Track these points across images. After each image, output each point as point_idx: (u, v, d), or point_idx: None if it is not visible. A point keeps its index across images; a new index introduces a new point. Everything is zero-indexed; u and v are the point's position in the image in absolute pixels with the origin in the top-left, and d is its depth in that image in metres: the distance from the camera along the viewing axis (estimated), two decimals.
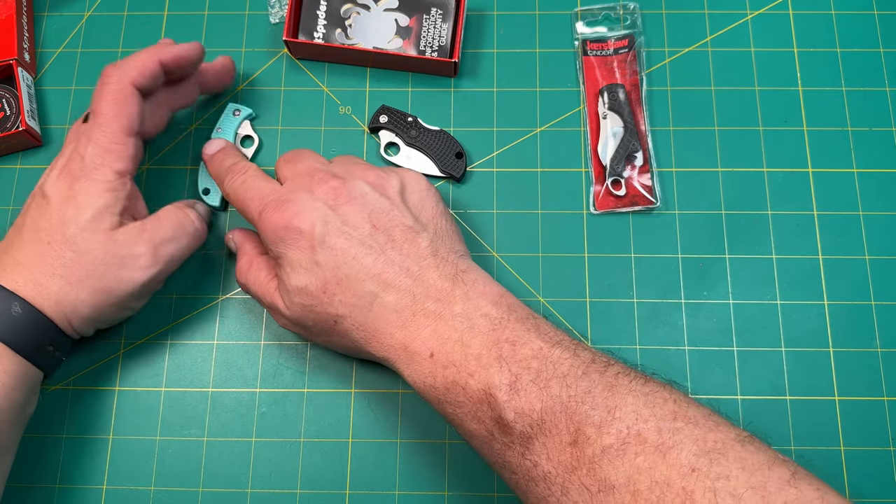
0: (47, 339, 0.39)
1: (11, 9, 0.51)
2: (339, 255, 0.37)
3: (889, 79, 0.50)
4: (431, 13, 0.50)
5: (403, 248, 0.38)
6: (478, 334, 0.35)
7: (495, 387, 0.34)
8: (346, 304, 0.38)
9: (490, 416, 0.34)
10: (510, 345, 0.35)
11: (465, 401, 0.35)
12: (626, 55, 0.50)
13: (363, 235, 0.38)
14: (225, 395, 0.45)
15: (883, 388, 0.44)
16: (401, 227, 0.38)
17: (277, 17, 0.52)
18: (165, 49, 0.43)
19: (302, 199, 0.39)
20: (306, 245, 0.38)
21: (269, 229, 0.39)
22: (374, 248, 0.38)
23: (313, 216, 0.38)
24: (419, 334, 0.36)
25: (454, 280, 0.37)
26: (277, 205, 0.39)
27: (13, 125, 0.49)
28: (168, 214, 0.43)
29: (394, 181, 0.40)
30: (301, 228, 0.38)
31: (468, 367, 0.35)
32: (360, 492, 0.43)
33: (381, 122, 0.49)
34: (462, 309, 0.36)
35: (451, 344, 0.36)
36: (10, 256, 0.40)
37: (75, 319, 0.40)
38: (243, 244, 0.44)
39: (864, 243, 0.47)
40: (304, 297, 0.38)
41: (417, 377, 0.37)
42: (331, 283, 0.38)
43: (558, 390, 0.33)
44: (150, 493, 0.43)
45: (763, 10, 0.52)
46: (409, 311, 0.37)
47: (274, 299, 0.41)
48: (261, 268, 0.42)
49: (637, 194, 0.48)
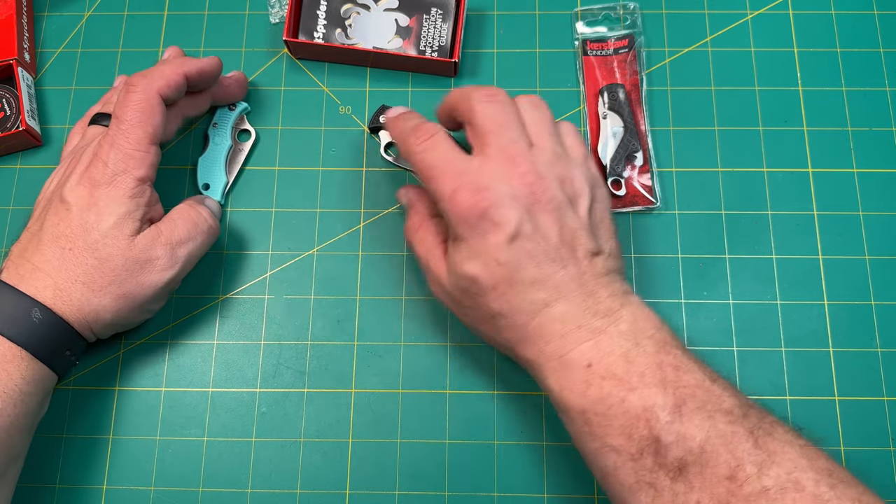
0: (66, 344, 0.39)
1: (11, 9, 0.51)
2: (524, 259, 0.37)
3: (889, 79, 0.50)
4: (431, 13, 0.50)
5: (582, 265, 0.38)
6: (642, 353, 0.36)
7: (658, 406, 0.34)
8: (510, 305, 0.37)
9: (646, 435, 0.34)
10: (674, 369, 0.35)
11: (619, 414, 0.35)
12: (626, 55, 0.50)
13: (550, 246, 0.37)
14: (225, 395, 0.45)
15: (883, 388, 0.44)
16: (584, 248, 0.38)
17: (277, 17, 0.52)
18: (189, 62, 0.44)
19: (500, 192, 0.37)
20: (493, 240, 0.37)
21: (460, 211, 0.37)
22: (556, 261, 0.37)
23: (510, 213, 0.37)
24: (578, 346, 0.36)
25: (622, 301, 0.37)
26: (474, 189, 0.37)
27: (13, 125, 0.49)
28: (181, 214, 0.43)
29: (586, 197, 0.39)
30: (495, 221, 0.37)
31: (630, 381, 0.35)
32: (360, 492, 0.43)
33: (380, 122, 0.49)
34: (628, 328, 0.36)
35: (614, 358, 0.36)
36: (29, 262, 0.40)
37: (96, 325, 0.40)
38: (416, 203, 0.44)
39: (864, 243, 0.47)
40: (472, 284, 0.38)
41: (566, 383, 0.36)
42: (503, 282, 0.37)
43: (723, 424, 0.33)
44: (151, 493, 0.43)
45: (763, 10, 0.52)
46: (575, 323, 0.37)
47: (437, 268, 0.41)
48: (429, 231, 0.42)
49: (637, 194, 0.48)
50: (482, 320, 0.39)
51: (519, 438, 0.44)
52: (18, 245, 0.41)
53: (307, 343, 0.46)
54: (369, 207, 0.48)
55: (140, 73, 0.42)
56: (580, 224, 0.38)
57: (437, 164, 0.39)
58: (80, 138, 0.45)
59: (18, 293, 0.38)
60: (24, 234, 0.42)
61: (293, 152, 0.50)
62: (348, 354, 0.46)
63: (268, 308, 0.47)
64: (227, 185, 0.49)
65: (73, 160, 0.42)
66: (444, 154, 0.39)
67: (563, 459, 0.43)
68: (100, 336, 0.42)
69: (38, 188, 0.44)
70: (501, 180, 0.38)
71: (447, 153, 0.39)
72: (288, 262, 0.47)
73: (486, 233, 0.37)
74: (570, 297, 0.37)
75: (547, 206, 0.37)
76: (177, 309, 0.47)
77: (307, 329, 0.46)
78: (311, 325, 0.46)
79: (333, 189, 0.49)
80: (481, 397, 0.45)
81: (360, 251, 0.47)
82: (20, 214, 0.48)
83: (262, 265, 0.47)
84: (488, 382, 0.45)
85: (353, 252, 0.47)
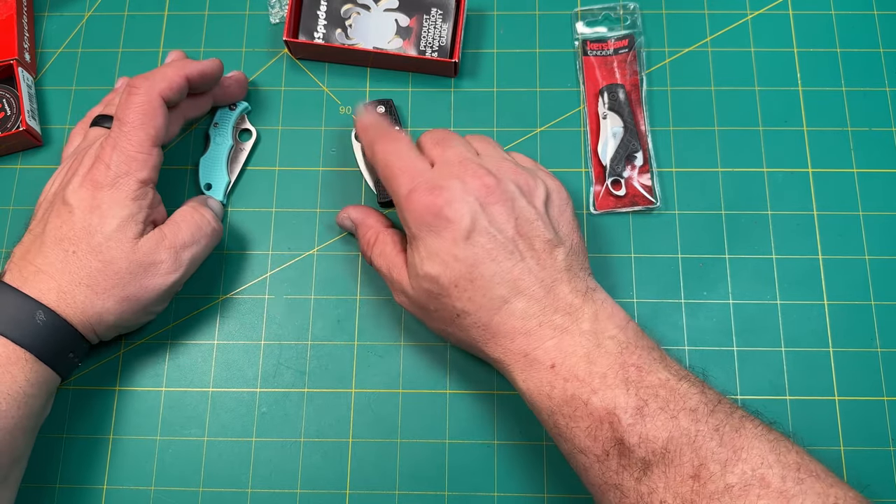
0: (69, 346, 0.40)
1: (12, 9, 0.51)
2: (481, 254, 0.37)
3: (889, 79, 0.50)
4: (431, 13, 0.51)
5: (541, 259, 0.38)
6: (604, 354, 0.36)
7: (620, 408, 0.34)
8: (473, 302, 0.38)
9: (609, 437, 0.34)
10: (637, 370, 0.35)
11: (584, 416, 0.35)
12: (626, 55, 0.50)
13: (506, 239, 0.37)
14: (225, 395, 0.45)
15: (883, 388, 0.44)
16: (542, 238, 0.38)
17: (277, 18, 0.52)
18: (190, 64, 0.44)
19: (455, 189, 0.38)
20: (449, 236, 0.37)
21: (416, 210, 0.38)
22: (514, 253, 0.37)
23: (463, 209, 0.37)
24: (542, 344, 0.37)
25: (584, 298, 0.38)
26: (430, 188, 0.38)
27: (13, 125, 0.49)
28: (184, 217, 0.43)
29: (541, 189, 0.40)
30: (450, 218, 0.37)
31: (592, 383, 0.35)
32: (360, 492, 0.43)
33: (377, 110, 0.49)
34: (590, 327, 0.37)
35: (576, 359, 0.36)
36: (32, 264, 0.39)
37: (99, 327, 0.40)
38: (365, 218, 0.45)
39: (864, 243, 0.47)
40: (433, 285, 0.38)
41: (532, 385, 0.37)
42: (464, 279, 0.37)
43: (687, 423, 0.33)
44: (151, 493, 0.43)
45: (763, 10, 0.52)
46: (537, 320, 0.37)
47: (400, 276, 0.41)
48: (386, 242, 0.43)
49: (637, 194, 0.48)
50: (448, 321, 0.39)
51: (519, 438, 0.44)
52: (21, 247, 0.41)
53: (307, 343, 0.46)
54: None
55: (142, 76, 0.42)
56: (536, 215, 0.38)
57: (396, 163, 0.40)
58: (82, 139, 0.45)
59: (22, 295, 0.38)
60: (26, 235, 0.41)
61: (293, 152, 0.50)
62: (348, 354, 0.46)
63: (268, 308, 0.47)
64: (230, 184, 0.49)
65: (75, 162, 0.42)
66: (407, 156, 0.40)
67: (562, 459, 0.43)
68: (102, 338, 0.42)
69: (38, 188, 0.44)
70: (455, 178, 0.38)
71: (407, 154, 0.40)
72: (288, 262, 0.47)
73: (441, 230, 0.38)
74: (529, 293, 0.37)
75: (501, 198, 0.38)
76: (177, 309, 0.47)
77: (307, 329, 0.46)
78: (312, 325, 0.46)
79: (333, 189, 0.49)
80: (481, 397, 0.45)
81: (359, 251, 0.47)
82: (20, 214, 0.48)
83: (263, 265, 0.47)
84: (488, 382, 0.45)
85: (353, 252, 0.47)
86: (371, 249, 0.43)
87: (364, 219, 0.45)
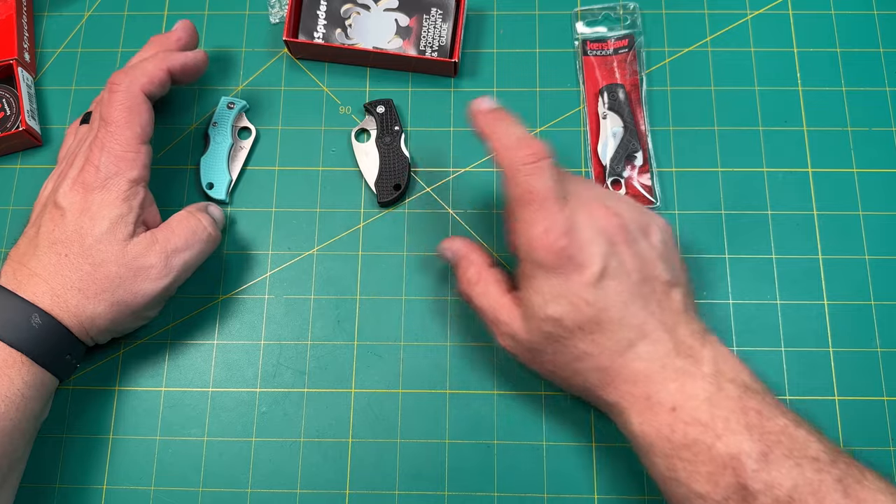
0: (66, 348, 0.39)
1: (11, 9, 0.51)
2: (611, 298, 0.36)
3: (889, 79, 0.50)
4: (431, 13, 0.51)
5: (662, 302, 0.37)
6: (725, 398, 0.35)
7: (745, 454, 0.33)
8: (597, 345, 0.37)
9: (732, 483, 0.34)
10: (757, 415, 0.35)
11: (705, 461, 0.34)
12: (626, 55, 0.50)
13: (634, 283, 0.37)
14: (225, 394, 0.45)
15: (883, 388, 0.44)
16: (661, 280, 0.38)
17: (277, 17, 0.52)
18: (172, 57, 0.43)
19: (589, 232, 0.37)
20: (578, 280, 0.36)
21: (547, 251, 0.37)
22: (640, 297, 0.37)
23: (597, 253, 0.36)
24: (665, 387, 0.36)
25: (703, 341, 0.37)
26: (566, 231, 0.37)
27: (13, 125, 0.49)
28: (180, 222, 0.42)
29: (655, 230, 0.39)
30: (582, 263, 0.36)
31: (715, 428, 0.34)
32: (360, 492, 0.43)
33: (376, 110, 0.49)
34: (710, 370, 0.36)
35: (698, 402, 0.35)
36: (27, 268, 0.39)
37: (93, 331, 0.40)
38: (469, 254, 0.42)
39: (864, 243, 0.47)
40: (556, 327, 0.37)
41: (650, 428, 0.36)
42: (591, 322, 0.37)
43: (811, 472, 0.33)
44: (151, 492, 0.43)
45: (763, 10, 0.52)
46: (660, 363, 0.36)
47: (508, 317, 0.39)
48: (490, 282, 0.41)
49: (637, 194, 0.48)
50: (563, 365, 0.39)
51: (519, 438, 0.44)
52: (16, 250, 0.41)
53: (307, 343, 0.46)
54: (369, 207, 0.48)
55: (122, 71, 0.42)
56: (656, 255, 0.38)
57: (539, 192, 0.37)
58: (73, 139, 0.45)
59: (18, 298, 0.38)
60: (21, 238, 0.41)
61: (293, 152, 0.50)
62: (348, 354, 0.46)
63: (268, 308, 0.47)
64: (231, 182, 0.49)
65: (66, 165, 0.42)
66: (548, 184, 0.37)
67: (562, 459, 0.43)
68: (98, 341, 0.42)
69: (38, 188, 0.44)
70: (588, 219, 0.37)
71: (552, 184, 0.37)
72: (288, 262, 0.47)
73: (570, 273, 0.36)
74: (654, 336, 0.37)
75: (628, 241, 0.37)
76: (177, 309, 0.47)
77: (307, 329, 0.46)
78: (311, 325, 0.46)
79: (333, 189, 0.49)
80: (481, 397, 0.45)
81: (360, 251, 0.47)
82: (20, 214, 0.48)
83: (263, 265, 0.47)
84: (488, 382, 0.45)
85: (353, 252, 0.47)
86: (473, 288, 0.41)
87: (467, 254, 0.43)
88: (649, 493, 0.43)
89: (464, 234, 0.47)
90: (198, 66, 0.45)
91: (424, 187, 0.49)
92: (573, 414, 0.44)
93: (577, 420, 0.44)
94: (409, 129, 0.50)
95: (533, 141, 0.38)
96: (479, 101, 0.40)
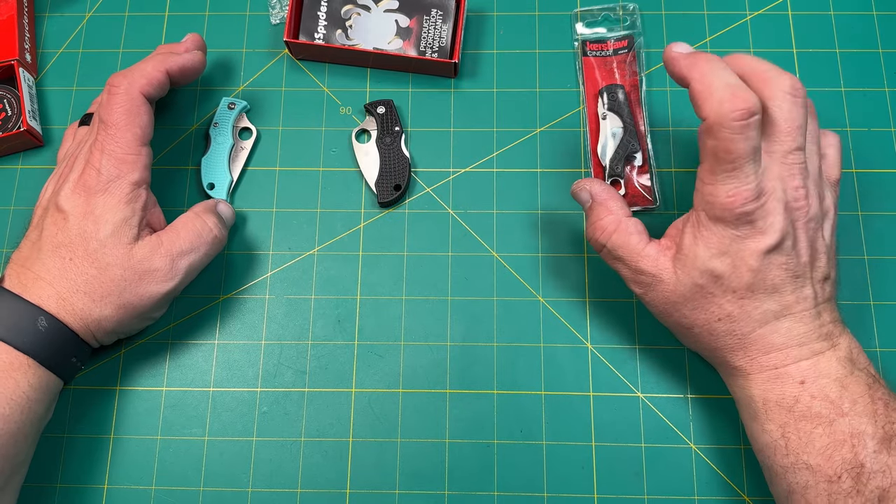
0: (71, 351, 0.40)
1: (13, 9, 0.51)
2: (774, 271, 0.37)
3: (888, 79, 0.50)
4: (432, 14, 0.51)
5: (815, 288, 0.38)
6: (856, 382, 0.36)
7: (867, 435, 0.35)
8: (742, 310, 0.37)
9: (849, 458, 0.35)
10: (884, 405, 0.36)
11: (823, 435, 0.35)
12: (626, 56, 0.50)
13: (798, 265, 0.37)
14: (226, 394, 0.45)
15: None
16: (821, 271, 0.38)
17: (278, 18, 0.52)
18: (171, 59, 0.43)
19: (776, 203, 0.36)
20: (752, 245, 0.36)
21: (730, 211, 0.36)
22: (799, 278, 0.37)
23: (777, 226, 0.36)
24: (797, 363, 0.37)
25: (842, 329, 0.38)
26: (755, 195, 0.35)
27: (14, 125, 0.49)
28: (185, 224, 0.42)
29: (831, 218, 0.39)
30: (762, 230, 0.36)
31: (842, 406, 0.35)
32: (360, 491, 0.43)
33: (377, 110, 0.49)
34: (846, 355, 0.37)
35: (829, 381, 0.36)
36: (31, 271, 0.39)
37: (99, 333, 0.40)
38: (607, 200, 0.41)
39: (864, 243, 0.47)
40: (712, 282, 0.37)
41: (773, 395, 0.37)
42: (746, 287, 0.37)
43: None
44: (152, 492, 0.44)
45: (762, 10, 0.52)
46: (798, 341, 0.37)
47: (655, 267, 0.39)
48: (631, 231, 0.40)
49: (637, 194, 0.48)
50: (702, 322, 0.39)
51: (519, 438, 0.44)
52: (19, 254, 0.41)
53: (307, 343, 0.46)
54: (369, 208, 0.49)
55: (121, 73, 0.42)
56: (825, 248, 0.38)
57: (739, 154, 0.35)
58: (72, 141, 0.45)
59: (24, 302, 0.38)
60: (24, 241, 0.41)
61: (294, 153, 0.50)
62: (348, 354, 0.46)
63: (268, 308, 0.47)
64: (232, 183, 0.49)
65: (66, 167, 0.42)
66: (750, 146, 0.35)
67: (561, 460, 0.43)
68: (103, 343, 0.42)
69: (39, 189, 0.44)
70: (779, 188, 0.36)
71: (753, 146, 0.35)
72: (288, 262, 0.48)
73: (746, 237, 0.36)
74: (799, 315, 0.37)
75: (808, 223, 0.37)
76: (178, 309, 0.47)
77: (307, 329, 0.46)
78: (312, 324, 0.46)
79: (333, 189, 0.49)
80: (481, 397, 0.45)
81: (360, 251, 0.48)
82: (21, 215, 0.49)
83: (263, 265, 0.48)
84: (488, 382, 0.45)
85: (354, 252, 0.48)
86: (610, 237, 0.40)
87: (606, 200, 0.41)
88: (649, 493, 0.43)
89: (464, 233, 0.47)
90: (196, 69, 0.45)
91: (424, 187, 0.49)
92: (573, 413, 0.44)
93: (578, 420, 0.44)
94: (410, 130, 0.50)
95: (746, 93, 0.35)
96: (676, 44, 0.38)
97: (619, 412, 0.44)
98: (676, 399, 0.44)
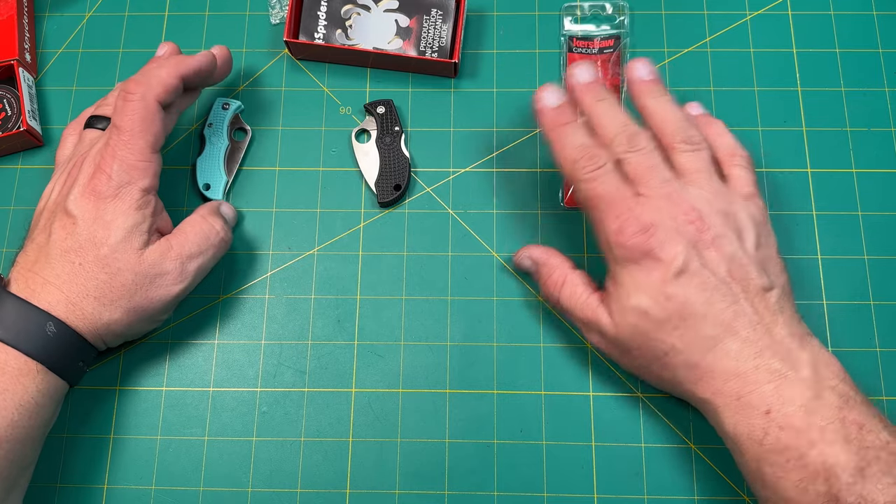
0: (79, 355, 0.40)
1: (12, 9, 0.51)
2: (693, 293, 0.37)
3: (888, 79, 0.50)
4: (431, 14, 0.51)
5: (755, 302, 0.37)
6: (824, 406, 0.35)
7: (840, 467, 0.33)
8: (684, 340, 0.37)
9: (823, 492, 0.33)
10: (857, 428, 0.34)
11: (796, 468, 0.34)
12: (611, 55, 0.50)
13: (718, 282, 0.37)
14: (226, 394, 0.45)
15: (882, 388, 0.44)
16: (755, 282, 0.37)
17: (278, 18, 0.52)
18: (184, 63, 0.43)
19: (667, 230, 0.37)
20: (659, 275, 0.37)
21: (626, 248, 0.38)
22: (727, 296, 0.37)
23: (675, 250, 0.37)
24: (758, 388, 0.36)
25: (802, 343, 0.37)
26: (641, 228, 0.37)
27: (14, 125, 0.49)
28: (193, 227, 0.43)
29: (750, 230, 0.39)
30: (661, 259, 0.37)
31: (810, 435, 0.34)
32: (360, 491, 0.43)
33: (377, 110, 0.49)
34: (809, 375, 0.36)
35: (794, 408, 0.35)
36: (39, 276, 0.39)
37: (108, 336, 0.40)
38: (549, 259, 0.44)
39: (864, 243, 0.47)
40: (642, 320, 0.38)
41: (742, 429, 0.36)
42: (675, 316, 0.37)
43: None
44: (151, 492, 0.44)
45: (762, 10, 0.52)
46: (752, 363, 0.36)
47: (596, 316, 0.40)
48: (577, 283, 0.42)
49: None
50: (652, 359, 0.39)
51: (519, 438, 0.44)
52: (25, 257, 0.40)
53: (307, 343, 0.46)
54: (369, 208, 0.49)
55: (135, 80, 0.42)
56: (748, 259, 0.38)
57: (604, 197, 0.39)
58: (77, 142, 0.45)
59: (33, 307, 0.38)
60: (29, 245, 0.41)
61: (294, 153, 0.50)
62: (348, 354, 0.46)
63: (268, 308, 0.47)
64: (228, 183, 0.49)
65: (74, 169, 0.42)
66: (611, 187, 0.39)
67: (562, 459, 0.43)
68: (110, 345, 0.42)
69: (39, 188, 0.44)
70: (666, 217, 0.37)
71: (615, 187, 0.39)
72: (288, 262, 0.48)
73: (651, 269, 0.37)
74: (744, 335, 0.36)
75: (712, 240, 0.37)
76: (178, 309, 0.47)
77: (307, 329, 0.46)
78: (312, 324, 0.46)
79: (333, 189, 0.49)
80: (481, 397, 0.45)
81: (360, 251, 0.48)
82: (21, 215, 0.49)
83: (263, 265, 0.48)
84: (488, 382, 0.45)
85: (353, 252, 0.48)
86: (560, 290, 0.42)
87: (548, 259, 0.44)
88: (649, 493, 0.43)
89: (464, 233, 0.47)
90: (209, 69, 0.44)
91: (424, 187, 0.49)
92: (574, 413, 0.44)
93: (578, 420, 0.44)
94: (410, 130, 0.50)
95: (592, 149, 0.40)
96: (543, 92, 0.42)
97: (619, 412, 0.44)
98: (676, 399, 0.44)
